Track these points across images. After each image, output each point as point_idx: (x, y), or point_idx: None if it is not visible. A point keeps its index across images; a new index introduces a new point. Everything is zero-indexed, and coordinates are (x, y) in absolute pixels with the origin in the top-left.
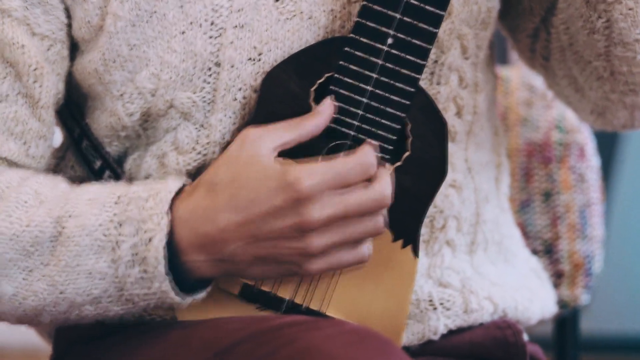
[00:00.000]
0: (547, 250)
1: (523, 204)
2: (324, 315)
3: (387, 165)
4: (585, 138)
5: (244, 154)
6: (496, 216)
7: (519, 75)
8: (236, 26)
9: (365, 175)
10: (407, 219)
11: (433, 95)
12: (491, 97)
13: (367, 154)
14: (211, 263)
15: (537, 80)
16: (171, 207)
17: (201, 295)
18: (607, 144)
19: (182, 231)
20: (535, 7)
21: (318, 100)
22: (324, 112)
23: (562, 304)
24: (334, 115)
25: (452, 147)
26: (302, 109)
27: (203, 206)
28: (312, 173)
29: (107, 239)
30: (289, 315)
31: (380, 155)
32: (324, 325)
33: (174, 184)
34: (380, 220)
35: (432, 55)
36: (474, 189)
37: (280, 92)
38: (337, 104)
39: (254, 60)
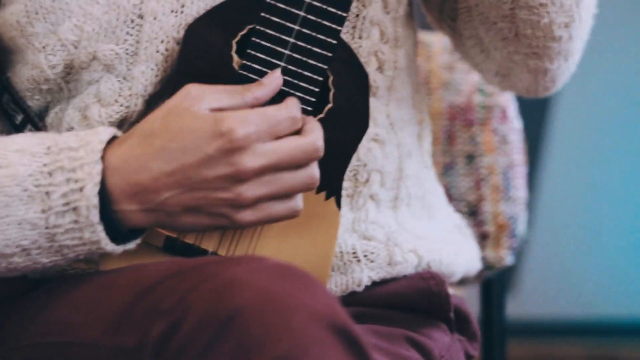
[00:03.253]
0: (471, 212)
1: (446, 166)
2: None
3: (311, 117)
4: (507, 100)
5: (180, 107)
6: (419, 171)
7: (441, 39)
8: None
9: (293, 129)
10: (330, 171)
11: (355, 49)
12: (411, 54)
13: (294, 107)
14: (143, 213)
15: None
16: (103, 156)
17: (131, 245)
18: (536, 119)
19: (114, 180)
20: None
21: (240, 52)
22: (270, 84)
23: (487, 265)
24: (256, 67)
25: (373, 102)
26: (223, 61)
27: (136, 155)
28: (245, 122)
29: (37, 190)
30: (211, 256)
31: (304, 108)
32: (246, 260)
33: (105, 133)
34: (313, 172)
35: (354, 9)
36: (397, 144)
37: (201, 44)
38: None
39: (176, 12)
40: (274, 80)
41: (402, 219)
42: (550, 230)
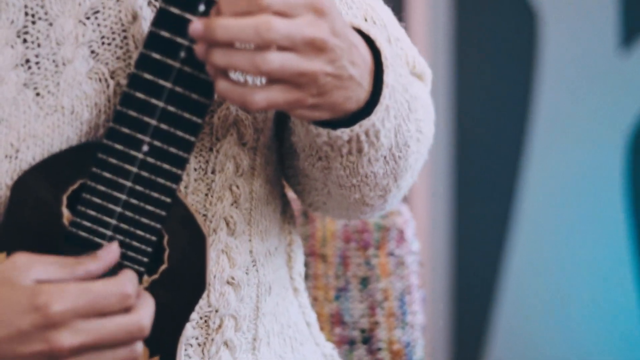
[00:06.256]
0: (364, 340)
1: (339, 291)
2: None
3: (145, 277)
4: (405, 222)
5: (2, 277)
6: (275, 306)
7: None
8: None
9: (122, 305)
10: (163, 334)
11: (207, 184)
12: (273, 177)
13: (126, 284)
14: None
15: None
16: None
17: None
18: (503, 193)
19: None
20: None
21: (71, 207)
22: (104, 258)
23: None
24: (87, 224)
25: (233, 242)
26: (52, 217)
27: None
28: (64, 296)
29: None
30: None
31: (136, 268)
32: None
33: None
34: (136, 351)
35: (207, 143)
36: (257, 284)
37: (30, 199)
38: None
39: (10, 157)
40: (109, 254)
41: None
42: (519, 298)
